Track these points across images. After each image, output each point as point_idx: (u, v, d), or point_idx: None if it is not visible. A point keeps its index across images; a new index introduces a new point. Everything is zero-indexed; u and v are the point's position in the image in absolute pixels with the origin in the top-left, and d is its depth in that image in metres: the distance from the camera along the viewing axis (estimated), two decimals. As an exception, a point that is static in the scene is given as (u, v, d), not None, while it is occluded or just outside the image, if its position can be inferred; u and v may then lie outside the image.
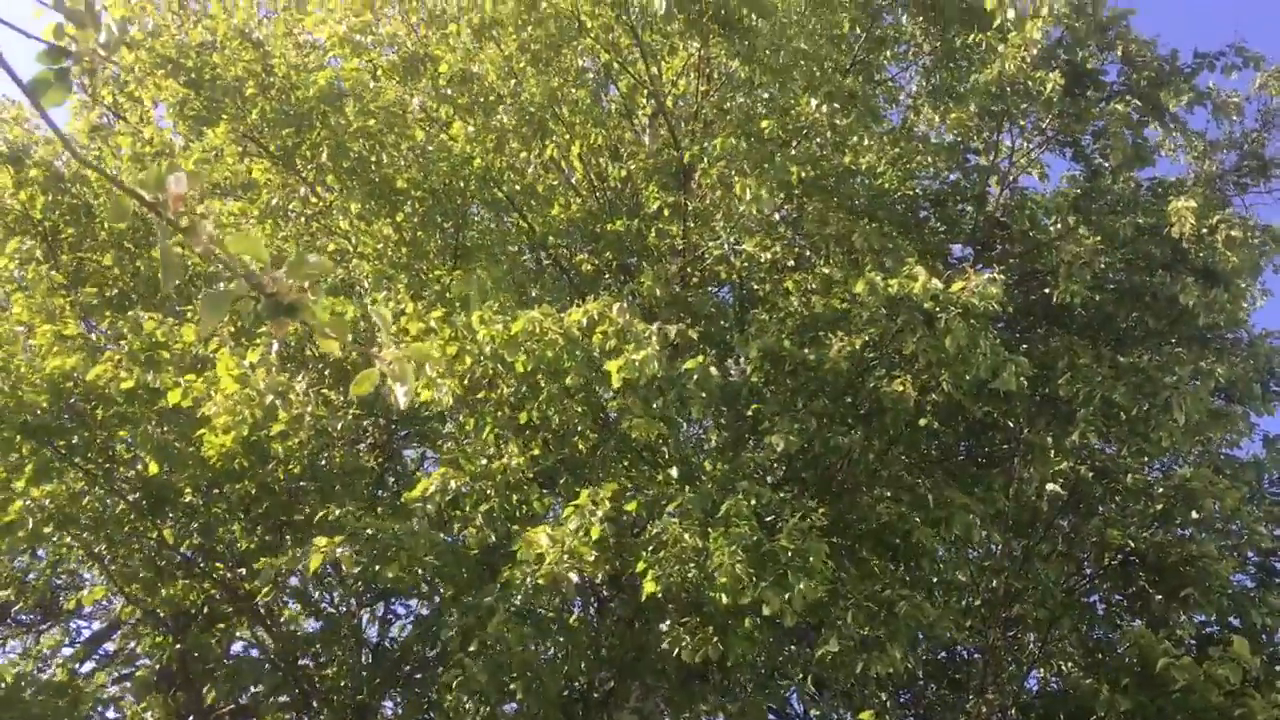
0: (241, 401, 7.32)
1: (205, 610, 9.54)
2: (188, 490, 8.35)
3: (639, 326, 8.09)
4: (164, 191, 2.57)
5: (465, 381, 8.74)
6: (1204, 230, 10.52)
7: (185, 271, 7.96)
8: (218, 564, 9.22)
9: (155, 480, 8.27)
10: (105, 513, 8.51)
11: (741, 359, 10.19)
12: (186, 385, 7.57)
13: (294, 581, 10.47)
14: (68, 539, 8.74)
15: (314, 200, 10.52)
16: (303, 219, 10.98)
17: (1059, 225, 11.46)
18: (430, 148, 10.38)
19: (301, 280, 2.69)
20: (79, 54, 2.77)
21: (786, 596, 7.23)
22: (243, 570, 9.09)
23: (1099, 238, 10.88)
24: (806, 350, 10.14)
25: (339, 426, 8.35)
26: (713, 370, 8.61)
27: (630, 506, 8.54)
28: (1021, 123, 12.05)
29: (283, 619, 10.66)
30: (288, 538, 8.89)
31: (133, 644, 10.73)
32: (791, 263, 11.70)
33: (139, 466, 8.60)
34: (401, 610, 12.24)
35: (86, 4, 2.83)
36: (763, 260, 11.69)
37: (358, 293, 11.01)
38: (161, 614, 9.81)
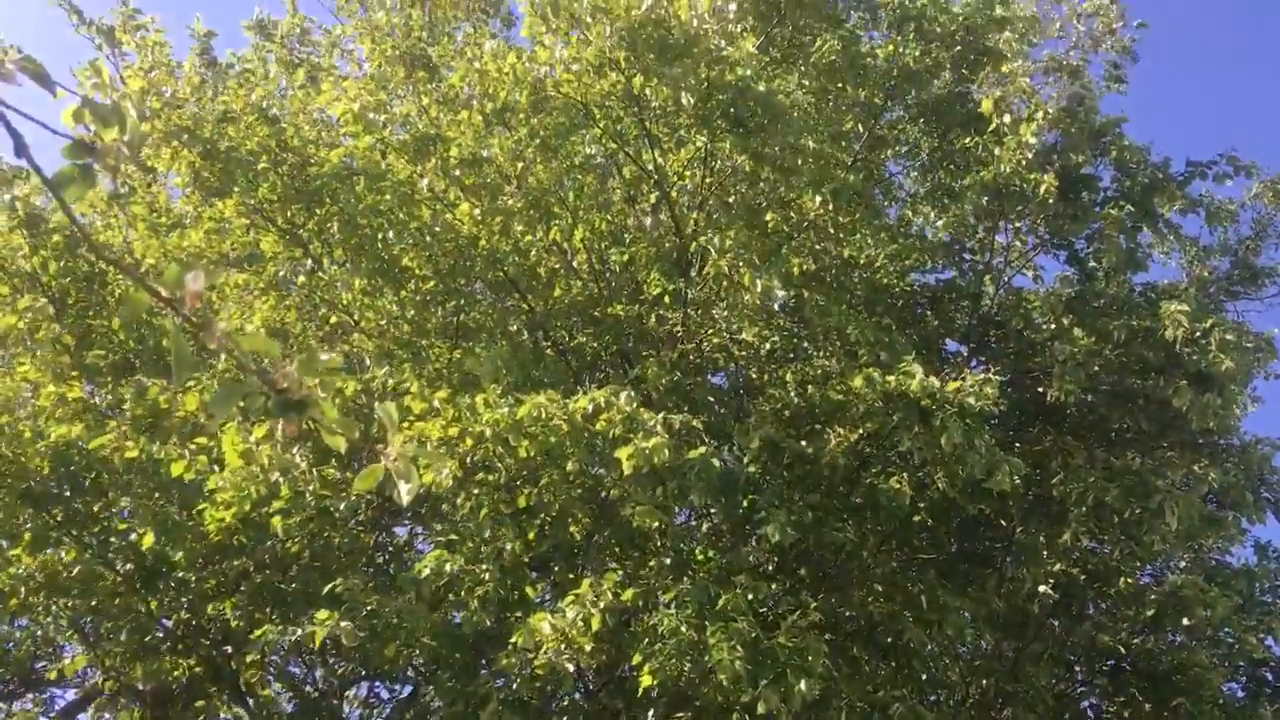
0: (246, 478, 7.29)
1: (187, 686, 9.36)
2: (181, 564, 8.26)
3: (645, 415, 8.15)
4: (182, 289, 2.59)
5: (466, 462, 8.74)
6: (1197, 334, 10.68)
7: (196, 365, 7.96)
8: (204, 640, 9.08)
9: (149, 552, 8.18)
10: (95, 583, 8.39)
11: (739, 448, 10.22)
12: (191, 459, 7.53)
13: (277, 658, 10.32)
14: (54, 608, 8.61)
15: (318, 274, 10.59)
16: (305, 290, 11.04)
17: (1053, 325, 11.62)
18: (437, 227, 10.49)
19: (312, 378, 2.73)
20: (103, 151, 2.80)
21: (784, 695, 7.18)
22: (228, 648, 8.96)
23: (1093, 339, 11.03)
24: (804, 443, 10.20)
25: (341, 506, 8.30)
26: (714, 461, 8.64)
27: (626, 596, 8.49)
28: (1016, 224, 12.28)
29: (262, 697, 10.47)
30: (276, 614, 8.77)
31: (108, 717, 10.49)
32: (790, 353, 11.82)
33: (133, 536, 8.52)
34: (385, 694, 12.05)
35: (114, 102, 2.87)
36: (761, 350, 11.81)
37: (358, 368, 11.06)
38: (141, 688, 9.62)
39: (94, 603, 8.53)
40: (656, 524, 8.84)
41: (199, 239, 9.85)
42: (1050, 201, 11.14)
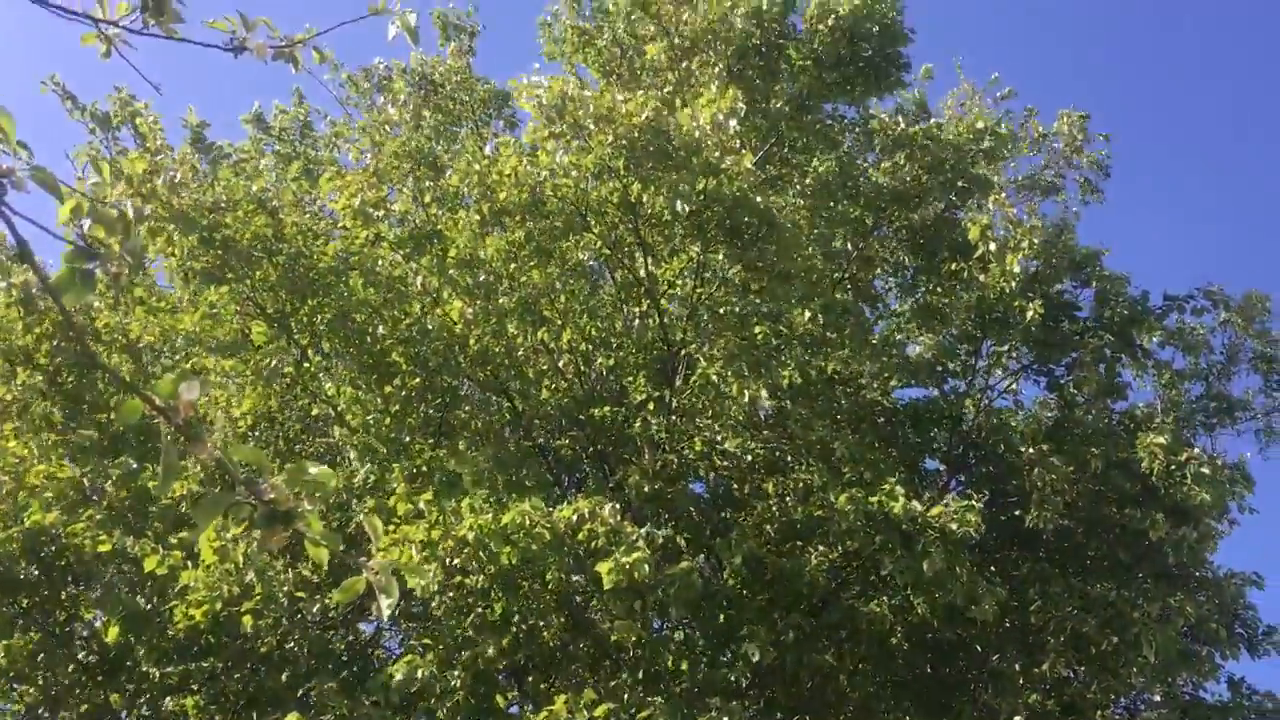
0: (220, 577, 7.16)
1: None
2: (146, 658, 8.04)
3: (628, 529, 8.12)
4: (176, 399, 2.58)
5: (447, 564, 8.63)
6: (1173, 467, 10.80)
7: (184, 473, 7.89)
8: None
9: (114, 644, 7.97)
10: (56, 671, 8.15)
11: (721, 563, 10.16)
12: (164, 555, 7.40)
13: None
14: (12, 694, 8.34)
15: (305, 365, 10.55)
16: (288, 380, 10.98)
17: (1032, 451, 11.72)
18: (429, 325, 10.51)
19: (299, 490, 2.72)
20: (105, 258, 2.78)
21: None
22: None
23: (1071, 468, 11.13)
24: (785, 560, 10.16)
25: (314, 609, 8.14)
26: (695, 578, 8.58)
27: (599, 712, 8.33)
28: (999, 348, 12.45)
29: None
30: (242, 715, 8.53)
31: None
32: (773, 466, 11.83)
33: (99, 624, 8.30)
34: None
35: (120, 212, 2.87)
36: (744, 461, 11.81)
37: (340, 461, 10.97)
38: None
39: (53, 692, 8.28)
40: (635, 638, 8.73)
41: (192, 323, 9.82)
42: (1033, 329, 11.33)
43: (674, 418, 11.55)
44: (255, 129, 13.62)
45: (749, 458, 11.59)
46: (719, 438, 11.45)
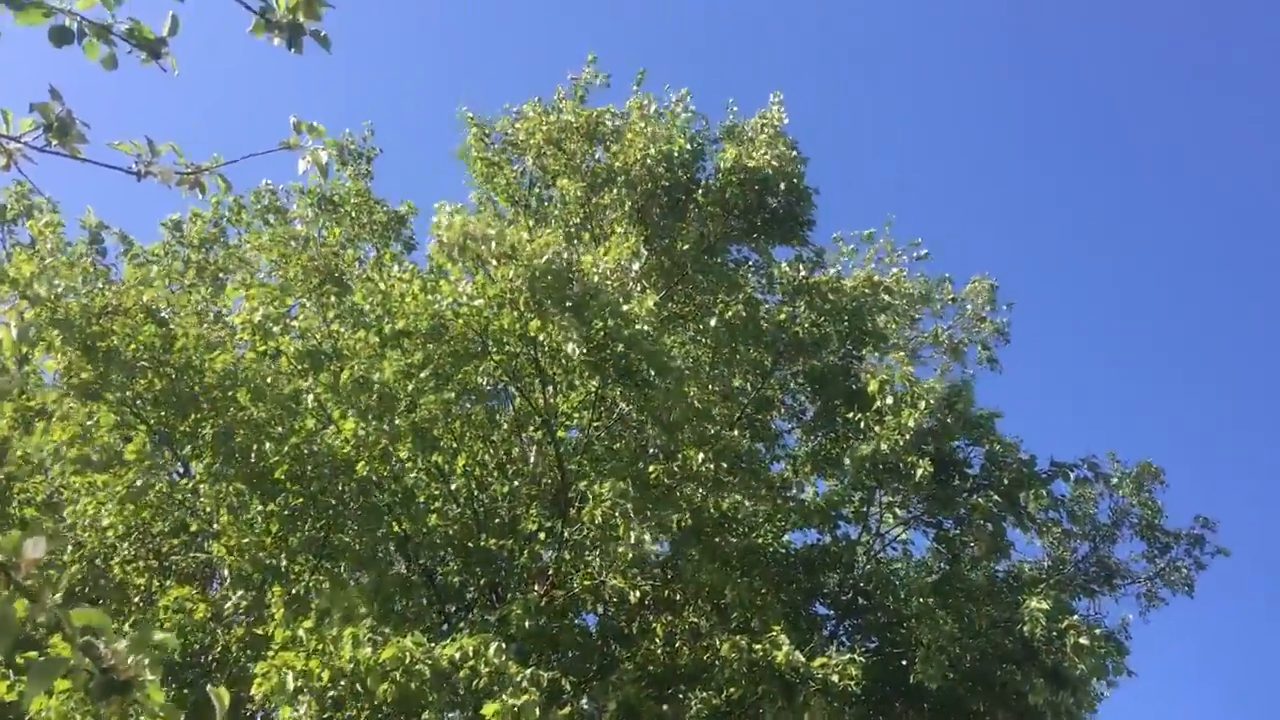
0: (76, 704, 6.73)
1: None
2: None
3: (513, 669, 7.95)
4: (19, 555, 2.50)
5: (323, 697, 8.29)
6: (1054, 634, 10.93)
7: (22, 631, 7.47)
8: None
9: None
10: None
11: (597, 709, 9.93)
12: (14, 680, 6.93)
13: None
14: None
15: (183, 481, 10.20)
16: (165, 493, 10.60)
17: (919, 604, 11.77)
18: (316, 446, 10.28)
19: (141, 657, 2.61)
20: None
21: None
22: None
23: (956, 625, 11.19)
24: (665, 706, 9.96)
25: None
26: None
27: None
28: (891, 498, 12.61)
29: None
30: None
31: None
32: (661, 605, 11.69)
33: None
34: None
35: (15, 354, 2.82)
36: (631, 598, 11.65)
37: (214, 580, 10.56)
38: None
39: None
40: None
41: (62, 436, 9.45)
42: (924, 484, 11.51)
43: (564, 552, 11.40)
44: (170, 234, 13.41)
45: (637, 594, 11.44)
46: (606, 576, 11.30)
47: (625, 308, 10.52)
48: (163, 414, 9.89)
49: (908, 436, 11.61)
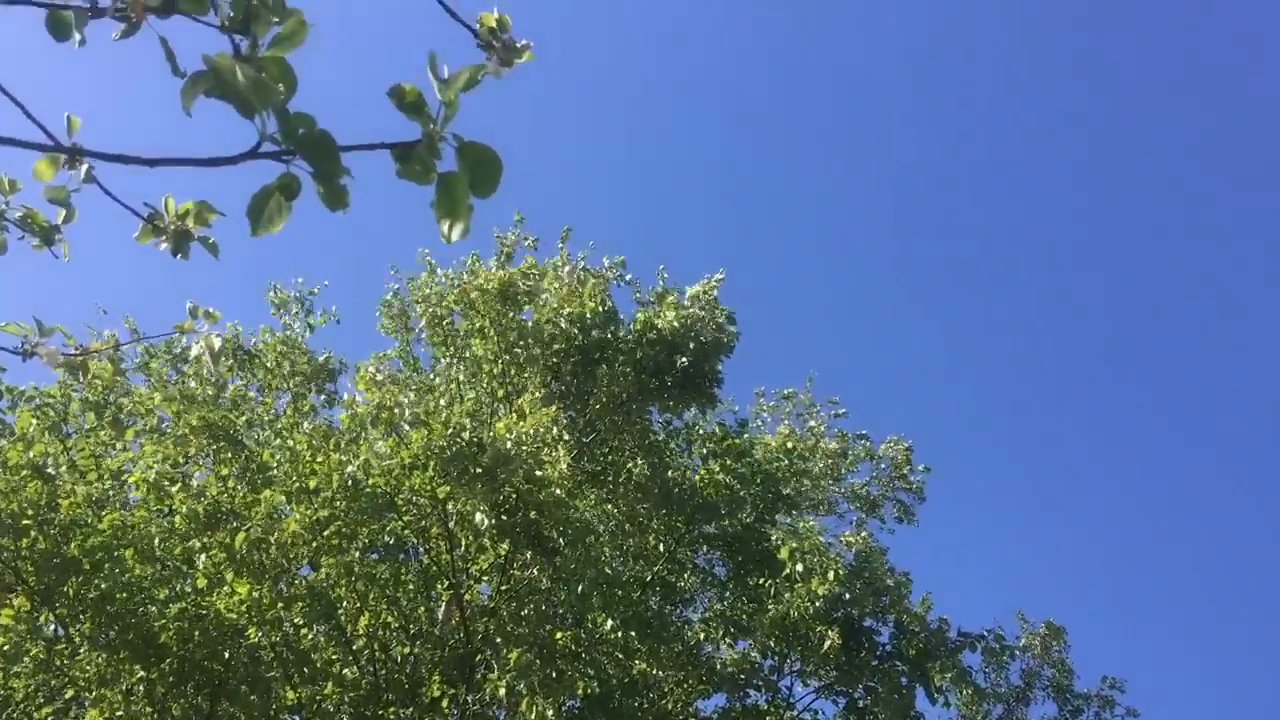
0: None
1: None
2: None
3: None
4: None
5: None
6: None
7: None
8: None
9: None
10: None
11: None
12: None
13: None
14: None
15: (59, 645, 9.66)
16: (40, 657, 10.01)
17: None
18: (203, 610, 9.84)
19: None
20: None
21: None
22: None
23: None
24: None
25: None
26: None
27: None
28: (803, 666, 12.48)
29: None
30: None
31: None
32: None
33: None
34: None
35: None
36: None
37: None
38: None
39: None
40: None
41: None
42: (832, 654, 11.42)
43: (466, 721, 11.00)
44: (66, 374, 12.94)
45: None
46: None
47: (539, 473, 10.42)
48: (45, 575, 9.40)
49: (817, 604, 11.58)
